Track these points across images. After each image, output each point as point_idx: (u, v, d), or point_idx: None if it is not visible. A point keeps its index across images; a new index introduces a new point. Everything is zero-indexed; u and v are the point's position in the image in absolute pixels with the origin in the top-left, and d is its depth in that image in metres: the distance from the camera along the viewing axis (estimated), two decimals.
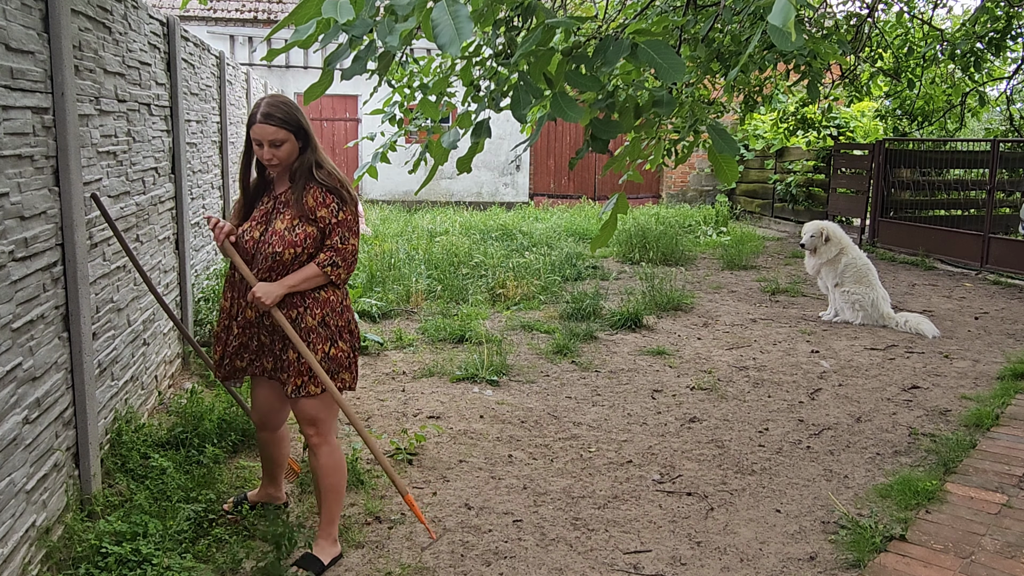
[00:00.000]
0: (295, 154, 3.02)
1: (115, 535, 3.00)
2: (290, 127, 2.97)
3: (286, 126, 2.96)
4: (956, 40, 7.85)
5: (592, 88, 2.47)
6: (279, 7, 16.35)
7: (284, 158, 3.00)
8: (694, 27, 4.08)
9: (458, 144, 2.90)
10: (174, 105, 5.18)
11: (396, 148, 4.23)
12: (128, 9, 4.24)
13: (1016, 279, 9.33)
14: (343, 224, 3.02)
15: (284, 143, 2.98)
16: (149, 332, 4.55)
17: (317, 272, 3.00)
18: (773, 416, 4.93)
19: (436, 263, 8.88)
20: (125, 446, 3.76)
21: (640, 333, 6.84)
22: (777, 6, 1.68)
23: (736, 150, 2.67)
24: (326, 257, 2.99)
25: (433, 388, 5.31)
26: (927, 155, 11.51)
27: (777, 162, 14.29)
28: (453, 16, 1.78)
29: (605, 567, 3.20)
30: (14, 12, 2.78)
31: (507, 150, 16.05)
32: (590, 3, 8.60)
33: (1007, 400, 5.08)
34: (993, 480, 3.95)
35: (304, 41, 2.07)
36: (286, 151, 2.99)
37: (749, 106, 7.87)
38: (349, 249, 3.03)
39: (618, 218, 3.99)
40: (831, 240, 7.50)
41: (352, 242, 3.04)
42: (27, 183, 2.88)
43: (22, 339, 2.81)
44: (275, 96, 3.03)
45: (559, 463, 4.18)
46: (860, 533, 3.38)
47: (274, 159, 2.99)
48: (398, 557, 3.21)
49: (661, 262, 10.33)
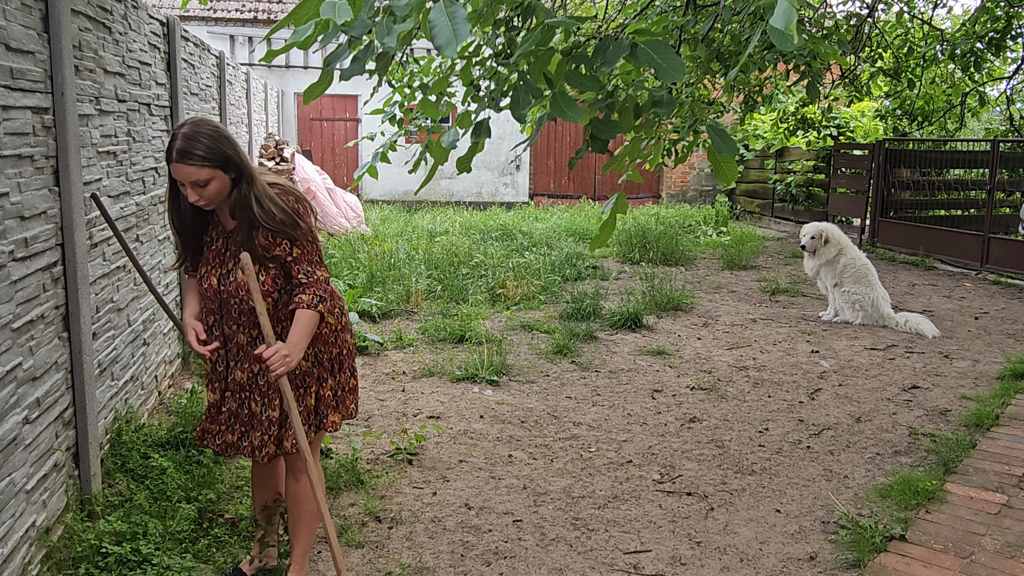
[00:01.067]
0: (227, 188, 2.57)
1: (115, 535, 3.00)
2: (214, 163, 2.50)
3: (208, 163, 2.49)
4: (956, 40, 7.84)
5: (592, 88, 2.47)
6: (279, 7, 16.36)
7: (213, 197, 2.55)
8: (694, 27, 4.08)
9: (458, 144, 2.89)
10: (174, 105, 5.18)
11: (396, 148, 4.22)
12: (128, 9, 4.24)
13: (1016, 279, 9.33)
14: (300, 260, 2.63)
15: (210, 181, 2.51)
16: (149, 332, 4.55)
17: (312, 316, 2.60)
18: (773, 416, 4.93)
19: (436, 263, 8.88)
20: (125, 446, 3.77)
21: (640, 333, 6.84)
22: (779, 8, 1.67)
23: (736, 150, 2.68)
24: (309, 297, 2.60)
25: (433, 388, 5.31)
26: (927, 155, 11.51)
27: (777, 162, 14.29)
28: (450, 17, 1.78)
29: (605, 567, 3.20)
30: (14, 12, 2.78)
31: (507, 150, 16.05)
32: (590, 3, 8.60)
33: (1007, 400, 5.07)
34: (993, 480, 3.95)
35: (303, 42, 2.07)
36: (214, 190, 2.54)
37: (749, 106, 7.87)
38: (318, 281, 2.64)
39: (618, 218, 3.99)
40: (830, 242, 7.50)
41: (318, 274, 2.65)
42: (27, 183, 2.88)
43: (22, 339, 2.81)
44: (195, 125, 2.52)
45: (559, 463, 4.18)
46: (860, 533, 3.38)
47: (201, 199, 2.55)
48: (398, 557, 3.21)
49: (661, 262, 10.33)
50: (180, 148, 2.46)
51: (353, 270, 8.28)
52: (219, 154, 2.50)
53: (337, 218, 11.15)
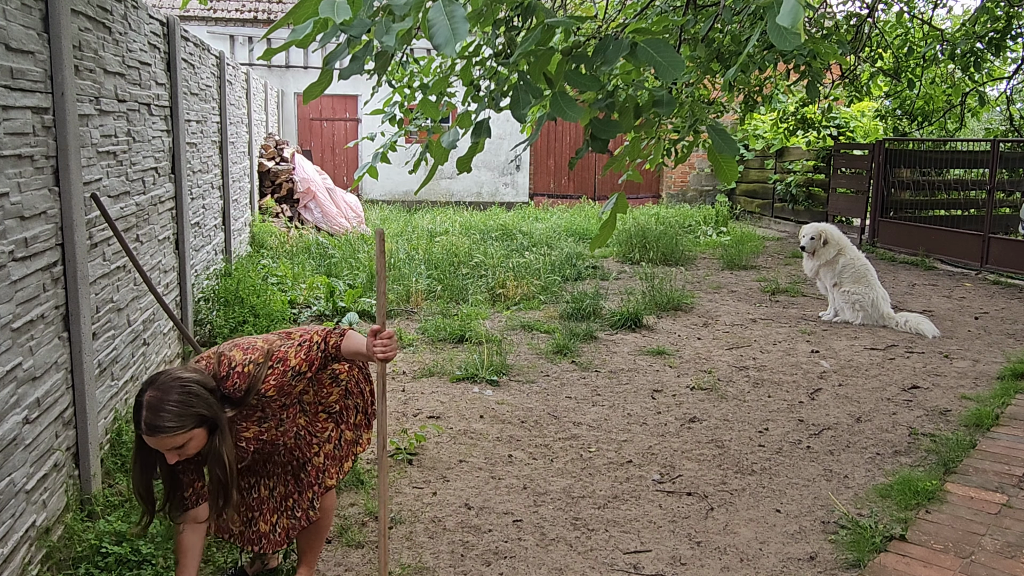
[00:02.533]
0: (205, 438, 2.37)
1: (115, 535, 3.00)
2: (188, 427, 2.29)
3: (182, 428, 2.28)
4: (956, 40, 7.84)
5: (592, 88, 2.46)
6: (279, 7, 16.36)
7: (194, 451, 2.37)
8: (694, 27, 4.08)
9: (458, 144, 2.88)
10: (174, 105, 5.18)
11: (396, 148, 4.22)
12: (128, 9, 4.24)
13: (1016, 279, 9.32)
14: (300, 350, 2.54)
15: (189, 441, 2.32)
16: (149, 332, 4.55)
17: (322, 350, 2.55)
18: (773, 416, 4.93)
19: (436, 263, 8.88)
20: (125, 446, 3.77)
21: (640, 333, 6.84)
22: (786, 6, 1.66)
23: (736, 150, 2.67)
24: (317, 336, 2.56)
25: (433, 388, 5.31)
26: (927, 155, 11.51)
27: (777, 162, 14.29)
28: (449, 16, 1.78)
29: (605, 567, 3.20)
30: (14, 12, 2.78)
31: (507, 150, 16.05)
32: (590, 3, 8.60)
33: (1007, 400, 5.07)
34: (993, 480, 3.95)
35: (302, 40, 2.06)
36: (194, 447, 2.35)
37: (749, 106, 7.86)
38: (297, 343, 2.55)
39: (618, 218, 3.99)
40: (829, 242, 7.50)
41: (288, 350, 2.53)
42: (27, 183, 2.88)
43: (22, 339, 2.81)
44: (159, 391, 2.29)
45: (559, 463, 4.18)
46: (860, 533, 3.38)
47: (181, 457, 2.37)
48: (398, 557, 3.21)
49: (661, 262, 10.33)
50: (149, 422, 2.26)
51: (353, 270, 8.28)
52: (192, 416, 2.29)
53: (337, 218, 11.15)
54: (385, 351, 2.46)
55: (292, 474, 2.82)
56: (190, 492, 2.54)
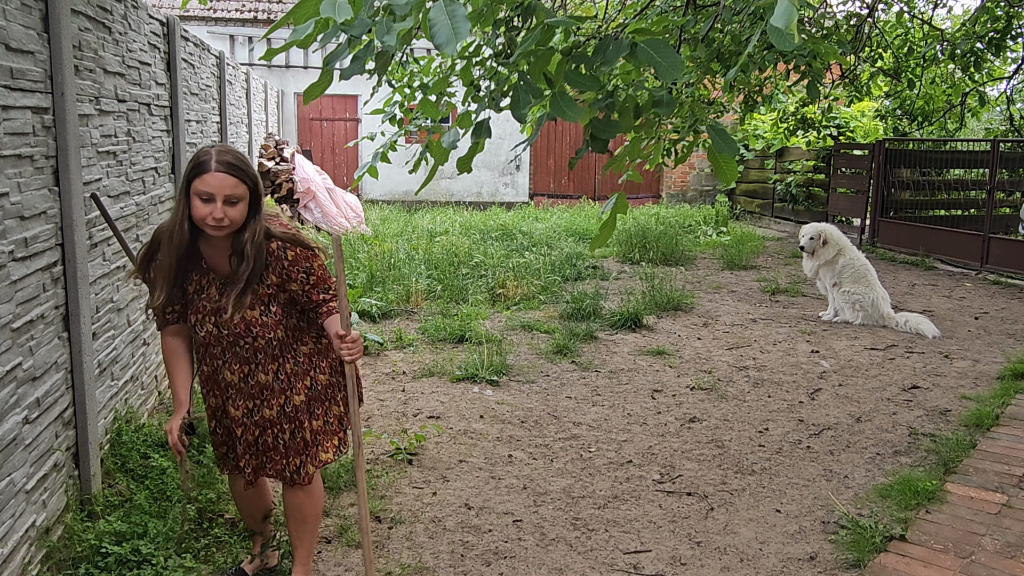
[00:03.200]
0: (243, 217, 2.50)
1: (115, 535, 3.00)
2: (250, 182, 2.47)
3: (247, 180, 2.46)
4: (956, 40, 7.84)
5: (592, 88, 2.46)
6: (279, 7, 16.36)
7: (236, 219, 2.47)
8: (694, 27, 4.07)
9: (458, 144, 2.88)
10: (174, 105, 5.18)
11: (396, 148, 4.22)
12: (128, 9, 4.24)
13: (1016, 279, 9.33)
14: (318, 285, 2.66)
15: (240, 201, 2.45)
16: (149, 332, 4.55)
17: (323, 298, 2.68)
18: (773, 416, 4.93)
19: (436, 263, 8.88)
20: (125, 446, 3.76)
21: (640, 333, 6.84)
22: (779, 8, 1.67)
23: (736, 150, 2.67)
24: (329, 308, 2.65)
25: (433, 388, 5.31)
26: (927, 155, 11.51)
27: (777, 162, 14.29)
28: (450, 16, 1.78)
29: (605, 567, 3.20)
30: (14, 12, 2.78)
31: (507, 150, 16.05)
32: (590, 3, 8.59)
33: (1007, 400, 5.07)
34: (993, 480, 3.95)
35: (302, 40, 2.06)
36: (239, 211, 2.47)
37: (749, 106, 7.87)
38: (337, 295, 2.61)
39: (618, 218, 3.98)
40: (828, 243, 7.51)
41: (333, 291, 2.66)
42: (27, 183, 2.88)
43: (22, 339, 2.81)
44: (225, 147, 2.51)
45: (559, 463, 4.18)
46: (860, 533, 3.38)
47: (225, 219, 2.44)
48: (398, 557, 3.21)
49: (661, 262, 10.33)
50: (220, 159, 2.42)
51: (353, 270, 8.28)
52: (252, 176, 2.49)
53: (337, 218, 11.15)
54: (352, 354, 2.53)
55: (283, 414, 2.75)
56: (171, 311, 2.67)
